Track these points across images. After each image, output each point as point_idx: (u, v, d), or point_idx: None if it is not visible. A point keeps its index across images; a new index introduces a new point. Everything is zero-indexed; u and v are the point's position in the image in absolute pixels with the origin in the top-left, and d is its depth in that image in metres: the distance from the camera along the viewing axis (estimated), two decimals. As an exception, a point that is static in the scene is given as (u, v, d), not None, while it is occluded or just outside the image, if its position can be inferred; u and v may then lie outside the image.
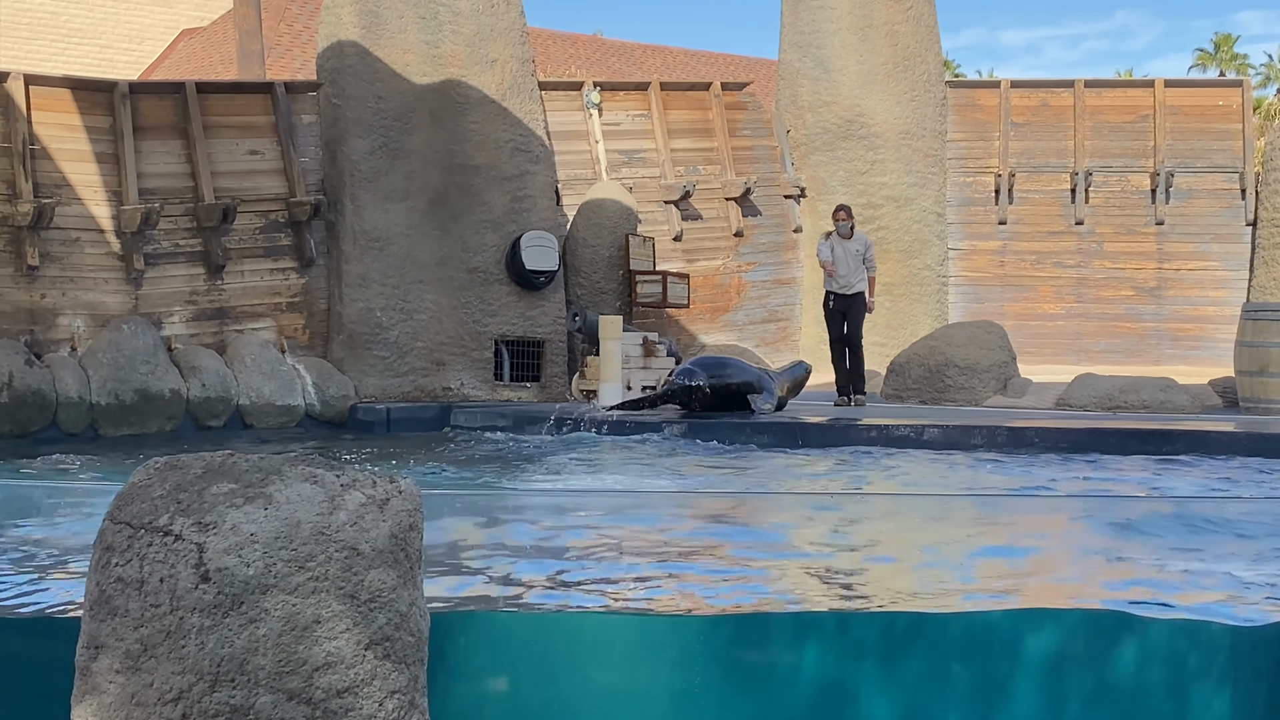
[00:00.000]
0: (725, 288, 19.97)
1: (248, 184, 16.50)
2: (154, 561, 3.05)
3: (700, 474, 11.25)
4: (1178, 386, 15.43)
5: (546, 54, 32.61)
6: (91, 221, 15.54)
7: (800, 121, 20.76)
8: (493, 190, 17.19)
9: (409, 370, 16.86)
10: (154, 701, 3.02)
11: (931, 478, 10.82)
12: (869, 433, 13.03)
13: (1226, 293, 20.36)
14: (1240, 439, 12.38)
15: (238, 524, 3.04)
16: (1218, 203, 20.84)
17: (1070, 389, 15.57)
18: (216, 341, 16.08)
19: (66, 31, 32.83)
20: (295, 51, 31.68)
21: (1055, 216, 21.16)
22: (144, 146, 15.94)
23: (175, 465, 3.22)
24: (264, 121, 16.76)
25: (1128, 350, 20.57)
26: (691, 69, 36.95)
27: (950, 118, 21.24)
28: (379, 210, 16.83)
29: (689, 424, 13.63)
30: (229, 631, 3.00)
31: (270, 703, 2.99)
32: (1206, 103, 21.28)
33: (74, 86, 16.03)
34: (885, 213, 20.47)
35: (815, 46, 20.75)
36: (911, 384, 16.34)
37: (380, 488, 3.22)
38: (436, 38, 17.12)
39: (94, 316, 15.40)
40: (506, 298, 17.22)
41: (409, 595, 3.18)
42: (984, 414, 14.50)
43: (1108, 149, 21.16)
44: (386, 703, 3.09)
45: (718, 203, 20.11)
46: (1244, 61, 61.27)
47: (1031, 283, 21.07)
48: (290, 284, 16.73)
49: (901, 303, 20.37)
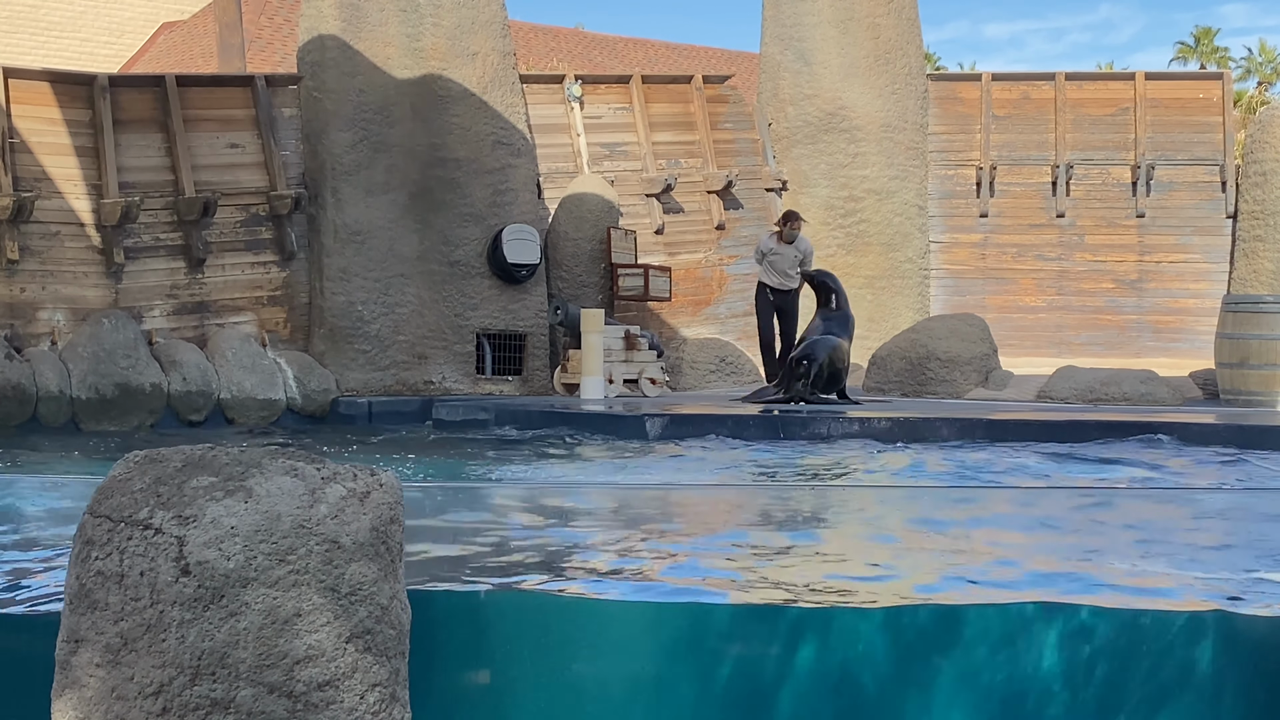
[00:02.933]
0: (707, 281, 19.97)
1: (228, 177, 16.46)
2: (134, 555, 3.04)
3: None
4: (1158, 379, 15.47)
5: (528, 47, 32.57)
6: (71, 215, 15.49)
7: (782, 114, 20.76)
8: (474, 183, 17.18)
9: (390, 364, 16.84)
10: (134, 695, 3.01)
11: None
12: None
13: (1207, 285, 20.41)
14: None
15: (218, 517, 3.03)
16: (1198, 195, 20.90)
17: (1051, 381, 15.60)
18: (197, 335, 16.04)
19: (46, 25, 32.67)
20: (276, 45, 31.59)
21: (1036, 209, 21.20)
22: (124, 140, 15.88)
23: (155, 459, 3.22)
24: (244, 115, 16.72)
25: (1109, 343, 20.62)
26: (673, 62, 36.93)
27: (932, 111, 21.26)
28: (360, 204, 16.81)
29: (670, 418, 13.60)
30: (209, 625, 2.99)
31: (251, 696, 2.99)
32: (1187, 96, 21.33)
33: (54, 80, 15.97)
34: (866, 205, 20.49)
35: (797, 39, 20.75)
36: (893, 377, 16.36)
37: (361, 481, 3.21)
38: (417, 31, 17.09)
39: (74, 310, 15.35)
40: (488, 291, 17.21)
41: (390, 588, 3.18)
42: (966, 406, 14.52)
43: (1089, 142, 21.20)
44: (368, 696, 3.09)
45: (699, 196, 20.11)
46: (1225, 55, 61.46)
47: (1013, 275, 21.10)
48: (271, 278, 16.69)
49: (883, 295, 20.39)
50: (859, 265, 20.38)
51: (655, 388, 17.09)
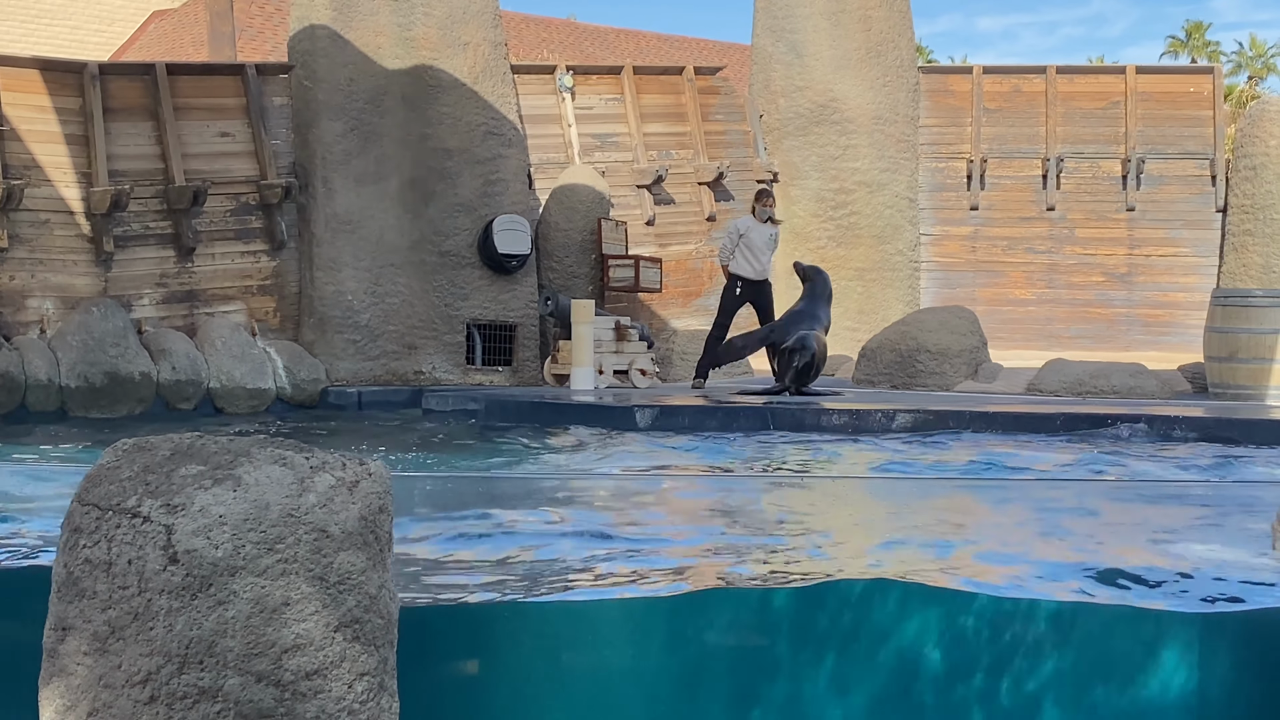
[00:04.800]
0: (698, 272, 19.97)
1: (218, 166, 16.43)
2: (122, 543, 3.04)
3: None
4: (1147, 372, 15.50)
5: (519, 37, 32.53)
6: (61, 203, 15.46)
7: (773, 106, 20.76)
8: (465, 174, 17.15)
9: (380, 354, 16.83)
10: (122, 683, 3.01)
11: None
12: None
13: (1197, 279, 20.46)
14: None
15: (206, 506, 3.03)
16: (1188, 189, 20.94)
17: (1041, 374, 15.62)
18: (187, 324, 16.02)
19: (36, 12, 32.58)
20: (267, 33, 31.52)
21: (1027, 202, 21.23)
22: (114, 128, 15.84)
23: (143, 447, 3.21)
24: (235, 103, 16.68)
25: (1098, 336, 20.66)
26: (665, 53, 36.90)
27: (923, 103, 21.27)
28: (350, 193, 16.78)
29: (660, 409, 13.59)
30: (197, 613, 2.99)
31: (239, 685, 2.99)
32: (1178, 89, 21.37)
33: (43, 67, 15.92)
34: (857, 198, 20.50)
35: (788, 31, 20.75)
36: (883, 369, 16.37)
37: (350, 470, 3.21)
38: (409, 20, 17.06)
39: (63, 299, 15.31)
40: (478, 281, 17.19)
41: (378, 577, 3.18)
42: (956, 399, 14.54)
43: (1079, 135, 21.23)
44: (356, 685, 3.09)
45: (690, 187, 20.11)
46: (1215, 49, 61.54)
47: (1003, 268, 21.13)
48: (261, 267, 16.67)
49: (873, 288, 20.42)
50: (849, 257, 20.40)
51: (645, 379, 17.09)
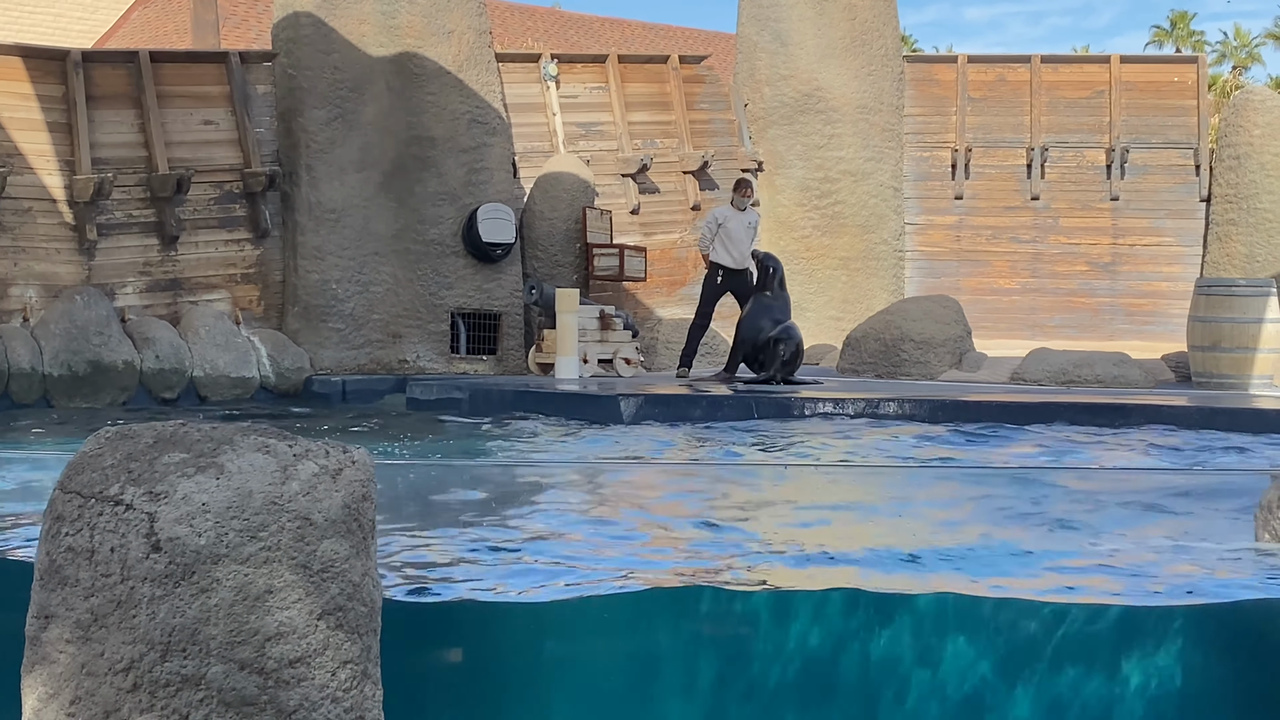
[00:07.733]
0: (682, 261, 19.97)
1: (202, 154, 16.37)
2: (104, 531, 3.03)
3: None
4: (1131, 361, 15.54)
5: (504, 26, 32.47)
6: (44, 191, 15.39)
7: (758, 95, 20.75)
8: (449, 162, 17.13)
9: (365, 342, 16.81)
10: (105, 671, 3.01)
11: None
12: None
13: (1180, 268, 20.51)
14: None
15: (189, 494, 3.02)
16: (1172, 179, 20.97)
17: (1025, 363, 15.65)
18: (170, 313, 15.98)
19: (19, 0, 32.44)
20: (251, 21, 31.43)
21: (1011, 192, 21.25)
22: (97, 116, 15.78)
23: (126, 434, 3.20)
24: (218, 91, 16.62)
25: (1082, 325, 20.70)
26: (650, 42, 36.86)
27: (907, 92, 21.28)
28: (334, 182, 16.74)
29: (646, 397, 13.58)
30: (180, 601, 2.98)
31: (222, 673, 2.98)
32: (1162, 79, 21.39)
33: (26, 55, 15.85)
34: (842, 187, 20.50)
35: (773, 20, 20.73)
36: (867, 358, 16.39)
37: (333, 458, 3.21)
38: (393, 8, 17.02)
39: (46, 287, 15.26)
40: (463, 270, 17.17)
41: (362, 565, 3.17)
42: (940, 388, 14.56)
43: (1064, 124, 21.25)
44: (339, 673, 3.09)
45: (675, 176, 20.10)
46: (1200, 38, 61.66)
47: (987, 258, 21.16)
48: (245, 255, 16.63)
49: (858, 277, 20.43)
50: (834, 247, 20.41)
51: (630, 368, 17.09)
